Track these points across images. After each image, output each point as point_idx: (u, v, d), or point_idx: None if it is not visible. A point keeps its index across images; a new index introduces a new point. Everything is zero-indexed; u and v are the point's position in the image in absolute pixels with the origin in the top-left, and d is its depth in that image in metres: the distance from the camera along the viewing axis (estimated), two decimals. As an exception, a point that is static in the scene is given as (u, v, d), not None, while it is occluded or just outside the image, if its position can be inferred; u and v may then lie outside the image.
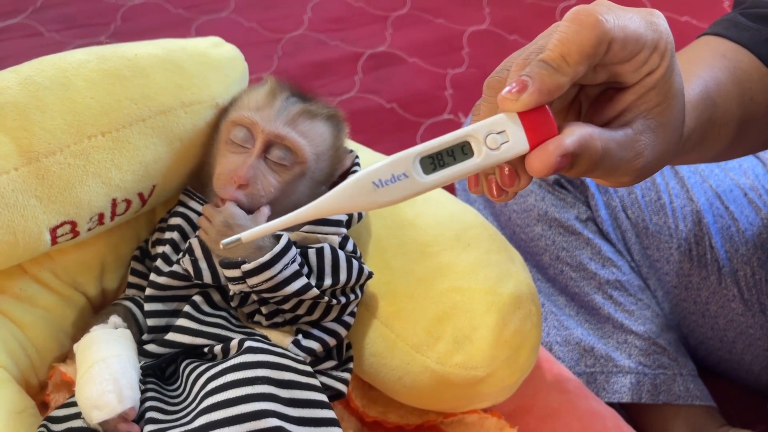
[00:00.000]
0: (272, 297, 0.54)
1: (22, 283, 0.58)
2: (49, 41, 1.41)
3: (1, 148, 0.50)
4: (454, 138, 0.41)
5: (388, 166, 0.40)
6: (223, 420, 0.47)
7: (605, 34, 0.41)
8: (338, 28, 1.50)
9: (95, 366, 0.49)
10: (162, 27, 1.48)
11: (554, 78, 0.41)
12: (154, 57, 0.57)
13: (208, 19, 1.51)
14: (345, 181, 0.40)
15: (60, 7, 1.50)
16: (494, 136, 0.40)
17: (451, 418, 0.64)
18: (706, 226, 0.85)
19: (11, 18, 1.47)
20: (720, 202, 0.87)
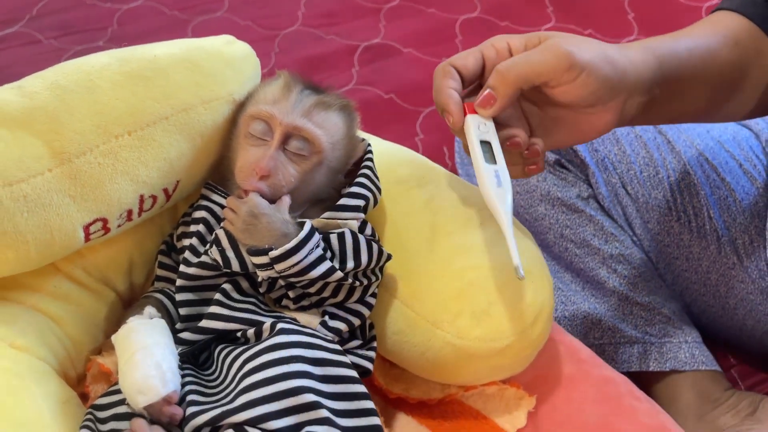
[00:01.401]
0: (299, 281, 0.57)
1: (55, 281, 0.60)
2: (48, 48, 1.43)
3: (34, 151, 0.52)
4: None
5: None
6: (263, 398, 0.49)
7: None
8: (332, 23, 1.52)
9: (137, 353, 0.52)
10: (158, 29, 1.49)
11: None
12: (173, 57, 0.59)
13: (203, 19, 1.53)
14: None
15: (56, 14, 1.51)
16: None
17: (472, 390, 0.67)
18: (704, 197, 0.88)
19: (9, 27, 1.48)
20: (716, 174, 0.90)
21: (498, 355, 0.62)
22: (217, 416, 0.49)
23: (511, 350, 0.62)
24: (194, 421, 0.50)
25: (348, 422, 0.51)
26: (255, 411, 0.49)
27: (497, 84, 0.56)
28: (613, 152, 0.91)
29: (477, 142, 0.56)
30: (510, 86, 0.56)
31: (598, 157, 0.91)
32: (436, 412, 0.67)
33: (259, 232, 0.56)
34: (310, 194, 0.62)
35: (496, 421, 0.66)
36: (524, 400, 0.66)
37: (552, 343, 0.72)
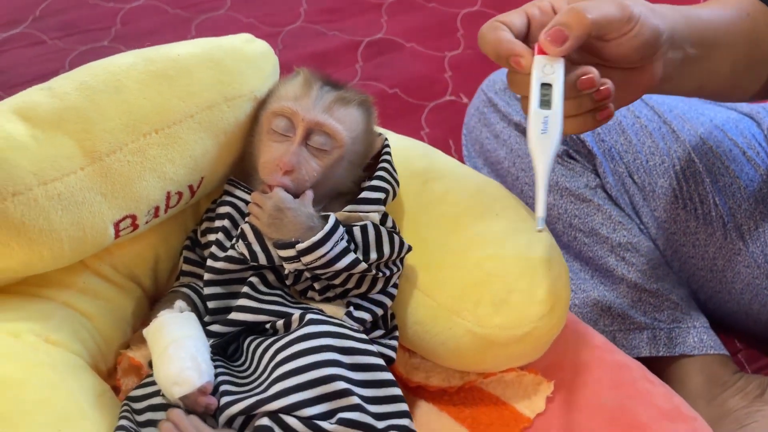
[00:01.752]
0: (324, 273, 0.58)
1: (84, 277, 0.61)
2: (52, 49, 1.43)
3: (67, 150, 0.53)
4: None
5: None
6: (296, 386, 0.51)
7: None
8: (334, 19, 1.53)
9: (171, 346, 0.53)
10: (162, 28, 1.50)
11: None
12: (196, 56, 0.60)
13: (206, 17, 1.54)
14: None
15: (59, 15, 1.52)
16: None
17: (491, 377, 0.68)
18: (709, 185, 0.90)
19: (12, 28, 1.48)
20: (721, 162, 0.92)
21: (518, 343, 0.63)
22: (252, 405, 0.51)
23: (531, 337, 0.63)
24: (229, 410, 0.51)
25: (377, 408, 0.53)
26: (289, 399, 0.50)
27: (572, 22, 0.54)
28: (619, 142, 0.93)
29: (537, 84, 0.54)
30: (585, 27, 0.54)
31: (605, 147, 0.92)
32: (456, 399, 0.69)
33: (285, 226, 0.58)
34: (331, 188, 0.63)
35: (515, 406, 0.67)
36: (542, 386, 0.68)
37: (566, 330, 0.74)
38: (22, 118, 0.53)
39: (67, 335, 0.57)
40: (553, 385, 0.68)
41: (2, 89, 1.34)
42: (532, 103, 0.54)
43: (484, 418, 0.67)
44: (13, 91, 1.33)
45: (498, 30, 0.56)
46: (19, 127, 0.52)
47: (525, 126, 0.93)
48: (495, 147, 0.98)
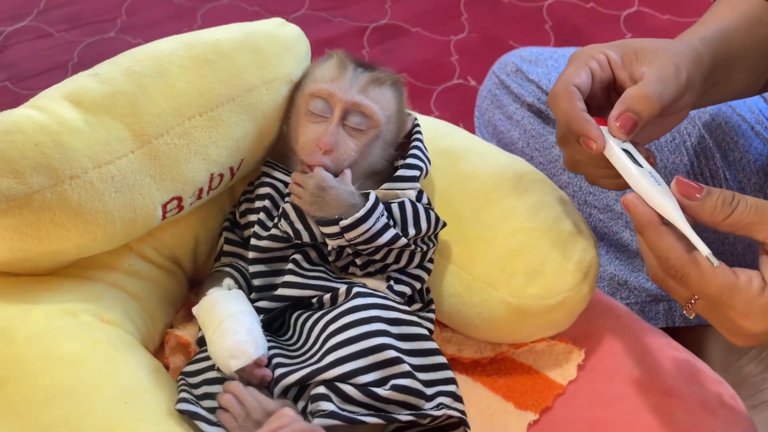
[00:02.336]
0: (366, 249, 0.60)
1: (129, 260, 0.63)
2: (59, 41, 1.44)
3: (118, 134, 0.55)
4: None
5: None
6: (349, 355, 0.53)
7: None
8: (339, 5, 1.54)
9: (225, 321, 0.55)
10: (168, 18, 1.51)
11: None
12: (234, 40, 0.62)
13: (211, 6, 1.54)
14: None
15: (64, 7, 1.52)
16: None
17: (522, 348, 0.71)
18: (719, 160, 0.92)
19: (18, 22, 1.49)
20: (730, 138, 0.94)
21: (551, 312, 0.65)
22: (307, 375, 0.53)
23: (564, 306, 0.65)
24: (285, 381, 0.53)
25: (425, 376, 0.55)
26: (344, 368, 0.52)
27: (643, 110, 0.56)
28: None
29: (621, 152, 0.56)
30: (653, 112, 0.56)
31: None
32: (489, 369, 0.71)
33: (327, 204, 0.59)
34: (367, 167, 0.65)
35: (547, 374, 0.70)
36: (573, 354, 0.70)
37: (591, 301, 0.76)
38: (73, 104, 0.54)
39: (119, 315, 0.59)
40: (584, 353, 0.70)
41: (12, 82, 1.35)
42: (630, 167, 0.55)
43: (518, 386, 0.69)
44: (23, 84, 1.34)
45: (573, 99, 0.56)
46: (72, 112, 0.54)
47: (537, 107, 0.96)
48: (508, 128, 1.00)
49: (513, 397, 0.68)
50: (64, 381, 0.50)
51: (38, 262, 0.56)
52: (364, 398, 0.51)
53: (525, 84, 0.98)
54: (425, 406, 0.52)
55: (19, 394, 0.49)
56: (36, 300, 0.55)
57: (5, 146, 0.50)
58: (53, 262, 0.57)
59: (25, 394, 0.49)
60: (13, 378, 0.50)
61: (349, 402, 0.51)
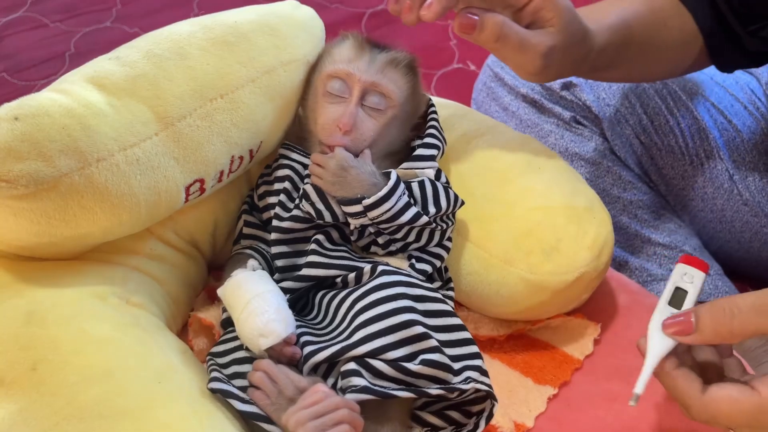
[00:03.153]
0: (388, 227, 0.61)
1: (151, 244, 0.63)
2: (55, 31, 1.43)
3: (142, 116, 0.55)
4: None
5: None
6: (379, 331, 0.53)
7: None
8: (335, -9, 1.54)
9: (253, 300, 0.55)
10: (164, 6, 1.50)
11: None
12: (252, 22, 0.62)
13: (207, -6, 1.54)
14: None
15: (60, -3, 1.51)
16: None
17: (538, 324, 0.71)
18: (714, 140, 0.94)
19: (12, 13, 1.47)
20: (723, 117, 0.95)
21: (569, 288, 0.66)
22: (337, 351, 0.53)
23: (581, 282, 0.66)
24: (315, 358, 0.54)
25: (451, 351, 0.55)
26: (374, 344, 0.53)
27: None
28: (624, 105, 0.96)
29: (671, 284, 0.58)
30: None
31: (610, 111, 0.95)
32: (507, 347, 0.72)
33: (349, 184, 0.60)
34: (385, 147, 0.65)
35: (564, 350, 0.71)
36: (589, 329, 0.71)
37: (603, 279, 0.77)
38: (97, 87, 0.54)
39: (145, 298, 0.59)
40: (599, 327, 0.71)
41: (10, 74, 1.34)
42: (662, 298, 0.58)
43: (536, 362, 0.70)
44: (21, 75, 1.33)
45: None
46: (96, 95, 0.54)
47: (532, 97, 0.97)
48: (504, 119, 1.01)
49: (531, 373, 0.69)
50: (97, 362, 0.50)
51: (64, 246, 0.56)
52: (395, 373, 0.52)
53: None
54: (453, 380, 0.53)
55: (53, 376, 0.49)
56: (64, 284, 0.55)
57: (32, 129, 0.50)
58: (78, 246, 0.58)
59: (59, 376, 0.49)
60: (46, 360, 0.50)
61: (380, 377, 0.52)
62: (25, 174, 0.50)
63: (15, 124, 0.50)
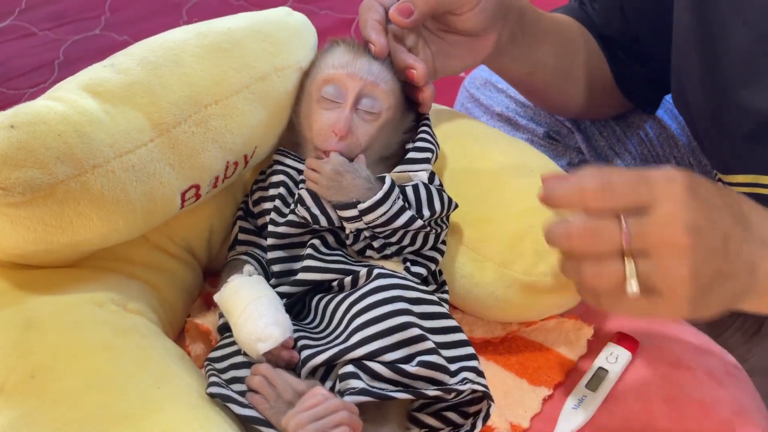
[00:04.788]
0: (383, 231, 0.61)
1: (146, 251, 0.64)
2: (44, 40, 1.43)
3: (137, 123, 0.55)
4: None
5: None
6: (375, 334, 0.54)
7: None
8: (324, -2, 1.55)
9: (250, 306, 0.55)
10: (152, 14, 1.50)
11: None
12: (245, 29, 0.62)
13: (197, 1, 1.54)
14: None
15: (46, 6, 1.51)
16: None
17: (532, 326, 0.72)
18: (683, 146, 0.95)
19: (1, 21, 1.47)
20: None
21: (562, 289, 0.67)
22: (334, 354, 0.54)
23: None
24: (312, 362, 0.54)
25: (448, 353, 0.56)
26: (371, 346, 0.53)
27: (417, 1, 0.66)
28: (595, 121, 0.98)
29: (595, 366, 0.65)
30: (428, 5, 0.66)
31: (585, 125, 0.97)
32: (501, 348, 0.72)
33: (344, 188, 0.60)
34: (379, 151, 0.66)
35: (559, 351, 0.71)
36: (583, 330, 0.72)
37: (596, 279, 0.78)
38: (92, 94, 0.55)
39: (142, 304, 0.59)
40: (593, 329, 0.72)
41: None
42: (582, 380, 0.64)
43: (531, 363, 0.70)
44: (10, 84, 1.33)
45: (370, 11, 0.67)
46: (91, 102, 0.54)
47: (506, 115, 0.99)
48: None
49: (526, 374, 0.70)
50: (97, 368, 0.50)
51: (60, 253, 0.56)
52: (393, 375, 0.52)
53: (494, 94, 1.01)
54: (450, 382, 0.54)
55: (53, 382, 0.49)
56: (62, 290, 0.55)
57: (28, 137, 0.50)
58: (75, 253, 0.58)
59: (59, 382, 0.49)
60: (46, 366, 0.50)
61: (378, 379, 0.52)
62: (22, 181, 0.50)
63: (11, 131, 0.50)
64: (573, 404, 0.64)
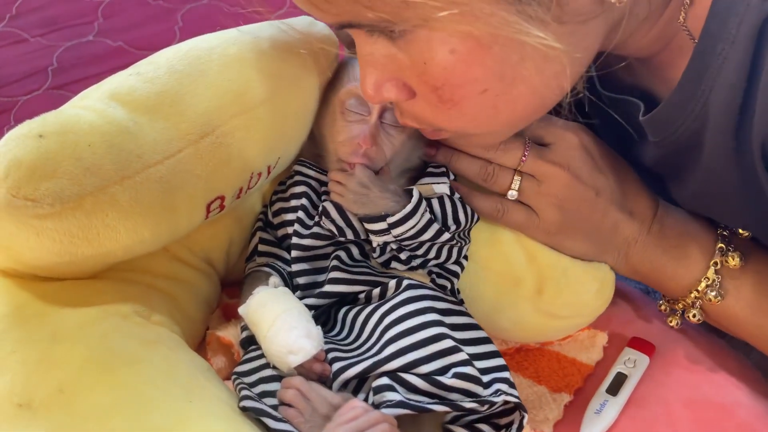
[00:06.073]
0: (410, 244, 0.61)
1: (166, 262, 0.62)
2: (36, 46, 1.40)
3: (165, 133, 0.54)
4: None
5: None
6: (409, 346, 0.53)
7: None
8: (320, 6, 1.54)
9: (279, 318, 0.55)
10: (146, 20, 1.48)
11: None
12: (270, 39, 0.62)
13: (191, 7, 1.52)
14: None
15: (38, 12, 1.48)
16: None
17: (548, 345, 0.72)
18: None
19: (-10, 27, 1.44)
20: None
21: (578, 315, 0.68)
22: (368, 367, 0.53)
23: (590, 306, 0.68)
24: (345, 375, 0.53)
25: (480, 364, 0.56)
26: (406, 358, 0.53)
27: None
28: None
29: (614, 371, 0.67)
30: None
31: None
32: (517, 358, 0.72)
33: (371, 201, 0.60)
34: (402, 164, 0.66)
35: (575, 357, 0.72)
36: (597, 337, 0.73)
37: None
38: (120, 103, 0.53)
39: (165, 316, 0.58)
40: (607, 335, 0.72)
41: (-9, 89, 1.31)
42: (602, 385, 0.65)
43: (548, 371, 0.71)
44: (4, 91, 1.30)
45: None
46: (120, 112, 0.53)
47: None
48: None
49: (545, 381, 0.70)
50: (127, 381, 0.49)
51: (83, 265, 0.55)
52: (429, 387, 0.52)
53: None
54: (483, 393, 0.53)
55: (82, 397, 0.48)
56: (86, 302, 0.54)
57: (58, 147, 0.49)
58: (97, 265, 0.56)
59: (88, 397, 0.48)
60: (74, 382, 0.48)
61: (414, 391, 0.52)
62: (51, 193, 0.48)
63: (40, 141, 0.49)
64: (595, 409, 0.65)
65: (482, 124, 0.56)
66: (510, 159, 0.63)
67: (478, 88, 0.52)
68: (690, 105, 0.57)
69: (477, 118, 0.55)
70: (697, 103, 0.57)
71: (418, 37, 0.50)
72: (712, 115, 0.56)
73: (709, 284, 0.67)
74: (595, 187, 0.64)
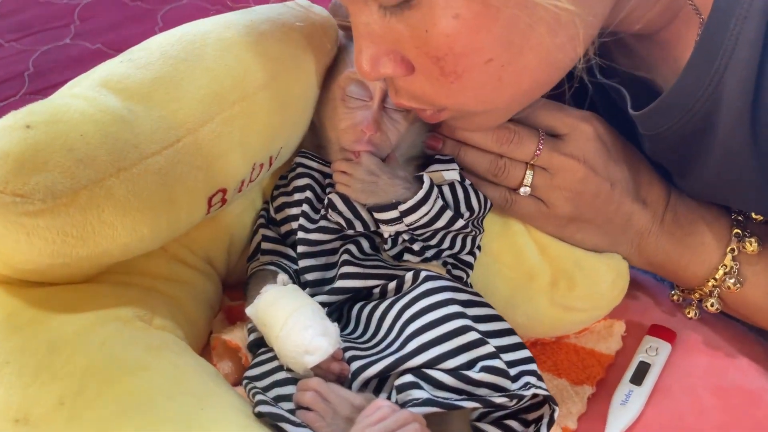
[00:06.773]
0: (423, 233, 0.57)
1: (164, 262, 0.59)
2: (11, 51, 1.35)
3: (162, 122, 0.50)
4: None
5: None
6: (433, 340, 0.50)
7: None
8: None
9: (292, 317, 0.51)
10: (125, 21, 1.44)
11: None
12: (267, 22, 0.58)
13: (171, 7, 1.48)
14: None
15: (12, 16, 1.43)
16: None
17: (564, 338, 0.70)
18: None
19: (-38, 33, 1.39)
20: None
21: (594, 309, 0.66)
22: (390, 364, 0.50)
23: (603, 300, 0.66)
24: (365, 374, 0.50)
25: (507, 356, 0.53)
26: (430, 353, 0.49)
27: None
28: None
29: (636, 360, 0.65)
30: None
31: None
32: (533, 352, 0.68)
33: (381, 190, 0.57)
34: (407, 150, 0.63)
35: (594, 348, 0.69)
36: (615, 326, 0.70)
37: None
38: (113, 91, 0.50)
39: (167, 320, 0.54)
40: (624, 323, 0.70)
41: (-35, 96, 1.25)
42: (626, 375, 0.63)
43: (567, 363, 0.68)
44: (-21, 97, 1.24)
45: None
46: (113, 99, 0.49)
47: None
48: None
49: (565, 375, 0.67)
50: (133, 390, 0.45)
51: (77, 267, 0.51)
52: (456, 383, 0.49)
53: None
54: (512, 387, 0.50)
55: (85, 409, 0.44)
56: (83, 308, 0.50)
57: (48, 138, 0.45)
58: (93, 267, 0.52)
59: (92, 409, 0.44)
60: (75, 393, 0.44)
61: (441, 388, 0.48)
62: (42, 187, 0.44)
63: (27, 132, 0.45)
64: (620, 400, 0.62)
65: (484, 100, 0.53)
66: (524, 152, 0.60)
67: (483, 57, 0.48)
68: (702, 86, 0.54)
69: (480, 93, 0.51)
70: (711, 83, 0.54)
71: (419, 2, 0.46)
72: (726, 96, 0.54)
73: (727, 272, 0.64)
74: (611, 179, 0.61)
